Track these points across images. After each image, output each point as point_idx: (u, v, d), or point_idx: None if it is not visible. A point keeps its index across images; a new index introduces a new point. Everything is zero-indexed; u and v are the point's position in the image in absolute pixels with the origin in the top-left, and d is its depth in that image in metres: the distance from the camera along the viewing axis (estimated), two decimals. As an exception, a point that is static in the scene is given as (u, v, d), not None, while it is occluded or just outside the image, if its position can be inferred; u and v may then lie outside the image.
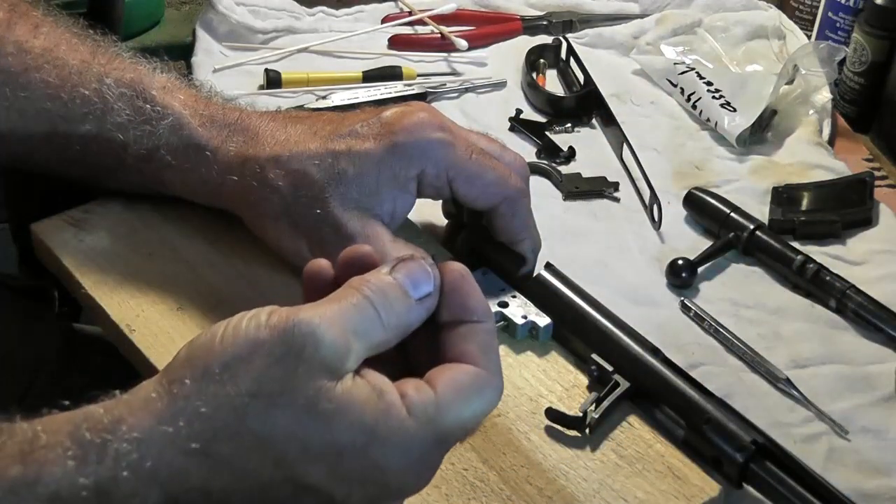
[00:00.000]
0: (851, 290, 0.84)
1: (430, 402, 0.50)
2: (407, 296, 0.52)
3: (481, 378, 0.52)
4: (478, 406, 0.52)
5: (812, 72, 1.06)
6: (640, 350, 0.70)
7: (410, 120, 0.69)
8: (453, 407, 0.51)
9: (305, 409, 0.48)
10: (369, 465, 0.49)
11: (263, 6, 1.17)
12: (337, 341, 0.49)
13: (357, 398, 0.49)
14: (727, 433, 0.65)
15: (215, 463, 0.48)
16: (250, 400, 0.48)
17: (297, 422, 0.48)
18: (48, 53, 0.73)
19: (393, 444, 0.49)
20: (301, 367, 0.48)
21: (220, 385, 0.48)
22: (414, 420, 0.50)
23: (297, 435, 0.48)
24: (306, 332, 0.49)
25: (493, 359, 0.53)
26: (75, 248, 0.75)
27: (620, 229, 0.92)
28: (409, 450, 0.50)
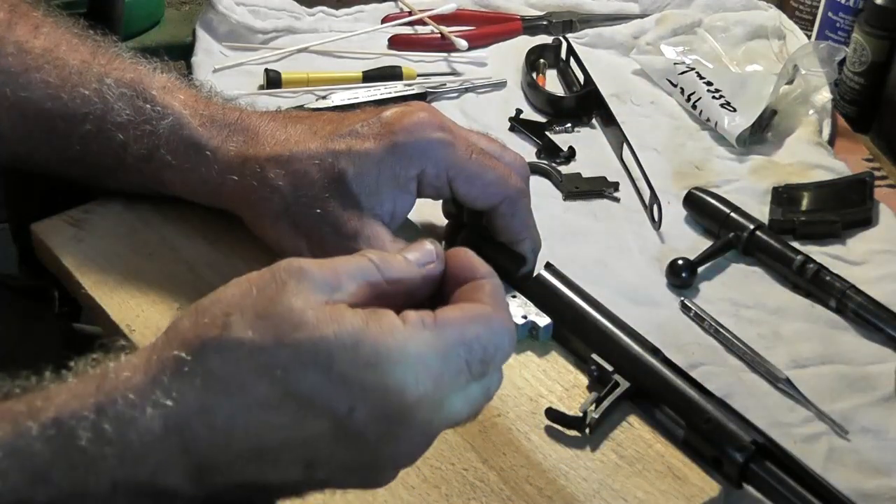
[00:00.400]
0: (851, 290, 0.84)
1: (427, 315, 0.50)
2: (408, 261, 0.53)
3: (486, 310, 0.51)
4: (482, 331, 0.50)
5: (812, 72, 1.06)
6: (640, 350, 0.70)
7: (410, 120, 0.69)
8: (452, 323, 0.50)
9: (292, 317, 0.48)
10: (361, 364, 0.48)
11: (263, 6, 1.17)
12: (325, 274, 0.49)
13: (346, 311, 0.49)
14: (727, 433, 0.65)
15: (208, 380, 0.48)
16: (235, 315, 0.48)
17: (285, 331, 0.48)
18: (48, 53, 0.73)
19: (384, 345, 0.48)
20: (286, 289, 0.49)
21: (210, 314, 0.49)
22: (408, 325, 0.49)
23: (285, 342, 0.48)
24: (291, 265, 0.50)
25: (502, 305, 0.53)
26: (75, 248, 0.75)
27: (620, 229, 0.92)
28: (403, 350, 0.48)
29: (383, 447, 0.49)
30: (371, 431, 0.49)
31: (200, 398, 0.48)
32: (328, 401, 0.48)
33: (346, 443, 0.49)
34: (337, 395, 0.48)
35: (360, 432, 0.48)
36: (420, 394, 0.49)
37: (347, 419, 0.48)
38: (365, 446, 0.49)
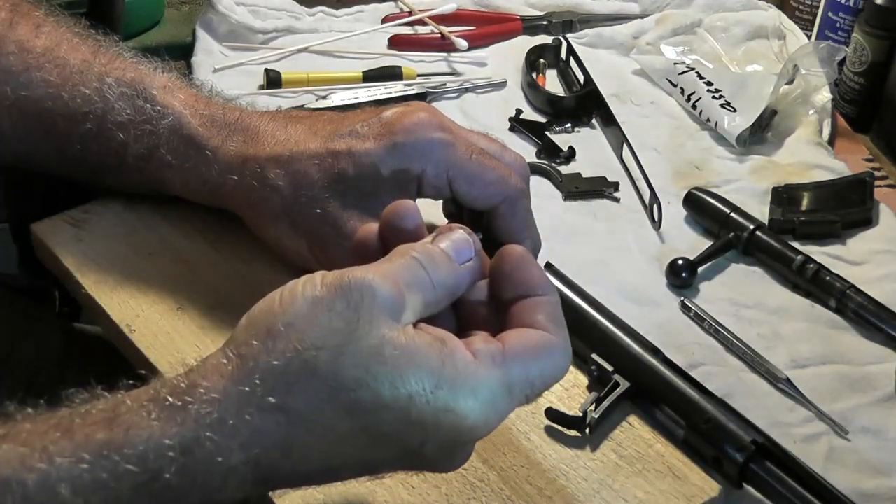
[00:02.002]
0: (851, 290, 0.84)
1: (496, 350, 0.51)
2: (451, 260, 0.54)
3: (550, 341, 0.53)
4: (546, 366, 0.52)
5: (812, 72, 1.06)
6: (640, 350, 0.70)
7: (410, 120, 0.69)
8: (520, 359, 0.51)
9: (371, 356, 0.49)
10: (440, 408, 0.49)
11: (263, 6, 1.17)
12: (392, 293, 0.50)
13: (421, 344, 0.50)
14: (727, 433, 0.65)
15: (292, 418, 0.49)
16: (318, 352, 0.49)
17: (366, 369, 0.49)
18: (49, 53, 0.73)
19: (460, 386, 0.50)
20: (362, 318, 0.49)
21: (286, 341, 0.49)
22: (480, 362, 0.51)
23: (367, 382, 0.49)
24: (362, 285, 0.50)
25: (562, 328, 0.54)
26: (75, 248, 0.75)
27: (620, 229, 0.92)
28: (477, 391, 0.50)
29: (442, 462, 0.53)
30: (435, 456, 0.52)
31: (283, 434, 0.49)
32: (403, 438, 0.50)
33: (409, 462, 0.53)
34: (412, 434, 0.50)
35: (425, 458, 0.52)
36: (487, 427, 0.51)
37: (417, 450, 0.51)
38: (425, 464, 0.53)
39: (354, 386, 0.49)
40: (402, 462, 0.52)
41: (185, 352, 0.68)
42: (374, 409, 0.49)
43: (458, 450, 0.53)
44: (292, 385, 0.49)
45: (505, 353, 0.51)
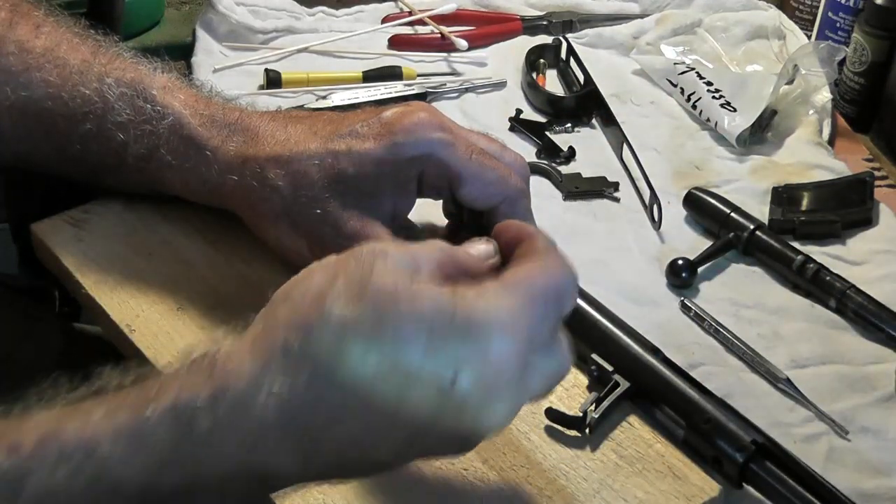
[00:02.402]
0: (851, 290, 0.84)
1: (499, 279, 0.53)
2: (470, 254, 0.56)
3: (546, 260, 0.55)
4: (549, 280, 0.54)
5: (812, 72, 1.06)
6: (640, 350, 0.70)
7: (410, 120, 0.69)
8: (524, 278, 0.53)
9: (387, 295, 0.50)
10: (463, 333, 0.50)
11: (263, 6, 1.17)
12: (405, 256, 0.52)
13: (434, 286, 0.51)
14: (727, 433, 0.65)
15: (316, 364, 0.49)
16: (331, 297, 0.50)
17: (384, 307, 0.49)
18: (49, 53, 0.73)
19: (477, 311, 0.50)
20: (377, 266, 0.50)
21: (297, 299, 0.51)
22: (490, 291, 0.52)
23: (387, 318, 0.49)
24: (375, 249, 0.52)
25: (554, 250, 0.57)
26: (75, 248, 0.75)
27: (620, 229, 0.92)
28: (496, 313, 0.51)
29: (483, 414, 0.51)
30: (473, 398, 0.50)
31: (310, 383, 0.49)
32: (433, 370, 0.50)
33: (449, 413, 0.50)
34: (441, 364, 0.50)
35: (463, 400, 0.50)
36: (514, 351, 0.51)
37: (451, 387, 0.50)
38: (466, 415, 0.51)
39: (374, 322, 0.49)
40: (443, 416, 0.50)
41: (185, 352, 0.68)
42: (397, 342, 0.49)
43: (498, 392, 0.51)
44: (312, 330, 0.49)
45: (508, 278, 0.53)
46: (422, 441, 0.52)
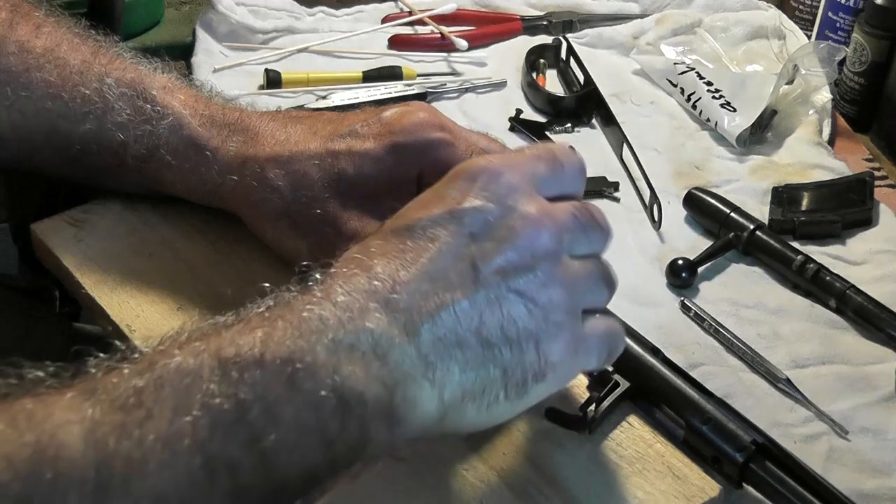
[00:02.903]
0: (851, 290, 0.84)
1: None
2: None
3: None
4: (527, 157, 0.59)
5: (812, 72, 1.06)
6: (640, 350, 0.70)
7: (410, 120, 0.69)
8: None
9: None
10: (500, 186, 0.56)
11: (263, 6, 1.17)
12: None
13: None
14: (727, 433, 0.65)
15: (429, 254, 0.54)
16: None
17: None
18: (49, 53, 0.73)
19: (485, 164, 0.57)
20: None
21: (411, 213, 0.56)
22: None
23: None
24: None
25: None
26: (75, 248, 0.75)
27: (620, 229, 0.91)
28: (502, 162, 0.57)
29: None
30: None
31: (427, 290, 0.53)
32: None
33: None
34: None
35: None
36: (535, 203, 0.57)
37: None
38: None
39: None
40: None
41: (185, 352, 0.68)
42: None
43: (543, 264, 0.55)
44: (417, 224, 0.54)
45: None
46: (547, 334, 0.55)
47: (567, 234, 0.57)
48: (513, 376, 0.54)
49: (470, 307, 0.53)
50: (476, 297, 0.53)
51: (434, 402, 0.52)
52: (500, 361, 0.54)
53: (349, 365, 0.50)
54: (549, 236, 0.56)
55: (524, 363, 0.54)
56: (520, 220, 0.55)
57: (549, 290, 0.55)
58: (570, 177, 0.61)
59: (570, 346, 0.56)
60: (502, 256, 0.54)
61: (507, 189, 0.56)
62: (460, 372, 0.53)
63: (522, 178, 0.57)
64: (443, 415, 0.53)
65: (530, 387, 0.55)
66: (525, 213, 0.56)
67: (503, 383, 0.54)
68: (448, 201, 0.56)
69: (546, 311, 0.55)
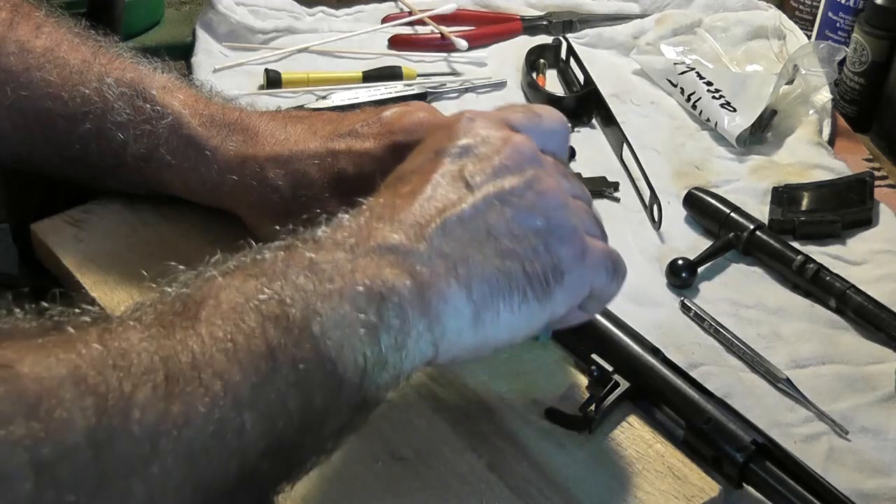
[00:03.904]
0: (851, 290, 0.84)
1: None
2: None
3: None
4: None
5: (812, 72, 1.06)
6: (640, 350, 0.70)
7: (410, 119, 0.69)
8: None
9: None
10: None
11: (263, 6, 1.17)
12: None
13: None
14: (727, 433, 0.65)
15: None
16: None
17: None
18: (49, 53, 0.73)
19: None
20: None
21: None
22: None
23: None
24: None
25: None
26: (75, 248, 0.75)
27: (620, 229, 0.92)
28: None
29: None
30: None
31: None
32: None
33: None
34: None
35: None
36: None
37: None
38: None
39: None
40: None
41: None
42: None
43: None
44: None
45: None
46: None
47: (548, 139, 0.62)
48: (532, 271, 0.56)
49: (473, 211, 0.56)
50: (476, 203, 0.56)
51: (463, 298, 0.54)
52: (516, 255, 0.56)
53: (372, 264, 0.52)
54: (530, 148, 0.60)
55: (539, 257, 0.56)
56: (499, 141, 0.59)
57: (542, 194, 0.58)
58: (548, 130, 0.63)
59: (577, 249, 0.58)
60: (491, 169, 0.57)
61: (483, 127, 0.60)
62: (481, 266, 0.55)
63: (495, 121, 0.61)
64: (476, 314, 0.55)
65: (553, 286, 0.57)
66: (503, 136, 0.59)
67: (525, 278, 0.56)
68: (431, 146, 0.59)
69: (545, 211, 0.57)
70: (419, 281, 0.53)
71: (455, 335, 0.54)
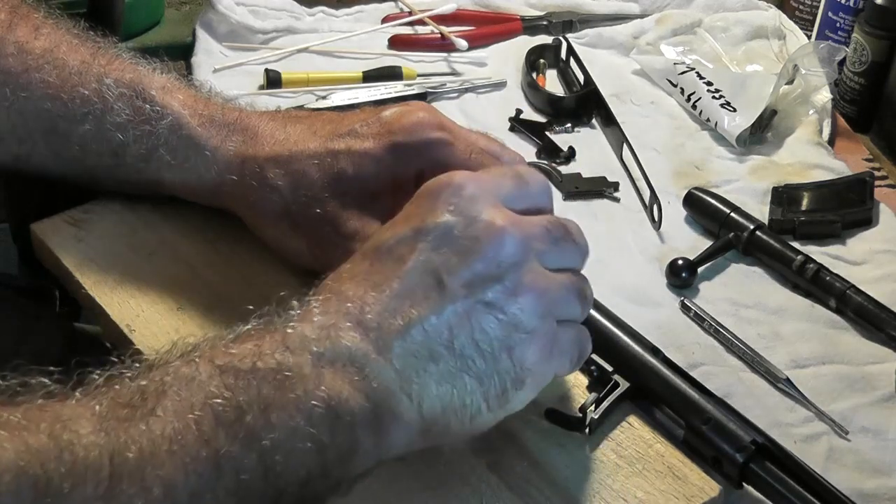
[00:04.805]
0: (851, 290, 0.84)
1: None
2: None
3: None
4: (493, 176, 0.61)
5: (812, 72, 1.06)
6: (640, 350, 0.70)
7: (409, 119, 0.69)
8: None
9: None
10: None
11: (263, 6, 1.17)
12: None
13: None
14: (727, 433, 0.65)
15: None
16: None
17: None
18: (48, 54, 0.73)
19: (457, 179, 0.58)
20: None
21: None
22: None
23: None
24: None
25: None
26: (75, 248, 0.75)
27: (620, 229, 0.92)
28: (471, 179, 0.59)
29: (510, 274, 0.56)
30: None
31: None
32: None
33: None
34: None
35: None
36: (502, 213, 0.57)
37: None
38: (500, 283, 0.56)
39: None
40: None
41: (184, 352, 0.68)
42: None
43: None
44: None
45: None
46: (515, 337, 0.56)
47: (536, 244, 0.57)
48: (490, 387, 0.55)
49: (438, 321, 0.54)
50: (444, 311, 0.54)
51: (414, 414, 0.54)
52: (476, 372, 0.55)
53: (333, 377, 0.52)
54: (515, 244, 0.56)
55: (500, 372, 0.55)
56: (484, 230, 0.56)
57: (518, 299, 0.56)
58: (536, 193, 0.61)
59: (545, 350, 0.57)
60: (468, 269, 0.55)
61: (469, 200, 0.57)
62: (436, 385, 0.54)
63: (485, 191, 0.58)
64: (425, 428, 0.55)
65: (511, 395, 0.56)
66: (489, 221, 0.56)
67: (482, 394, 0.55)
68: (413, 219, 0.57)
69: (516, 319, 0.56)
70: (374, 400, 0.53)
71: (401, 445, 0.55)
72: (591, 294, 0.62)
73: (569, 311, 0.59)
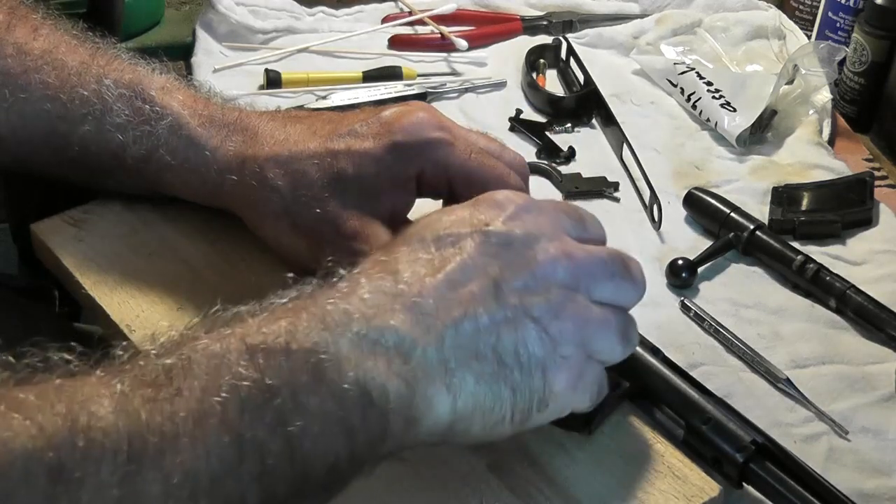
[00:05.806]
0: (851, 290, 0.84)
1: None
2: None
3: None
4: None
5: (812, 72, 1.06)
6: (640, 350, 0.70)
7: (409, 119, 0.69)
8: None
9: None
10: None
11: (263, 6, 1.17)
12: None
13: None
14: (727, 433, 0.65)
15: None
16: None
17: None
18: (47, 55, 0.73)
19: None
20: None
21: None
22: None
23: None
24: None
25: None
26: (75, 248, 0.75)
27: (620, 229, 0.92)
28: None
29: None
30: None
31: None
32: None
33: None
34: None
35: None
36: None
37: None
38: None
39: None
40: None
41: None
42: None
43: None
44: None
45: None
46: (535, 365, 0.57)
47: (587, 276, 0.58)
48: (521, 400, 0.56)
49: (490, 322, 0.55)
50: (496, 314, 0.55)
51: (447, 407, 0.54)
52: (511, 382, 0.55)
53: (372, 359, 0.51)
54: (565, 272, 0.57)
55: (531, 388, 0.56)
56: (541, 252, 0.57)
57: (559, 322, 0.56)
58: (591, 226, 0.62)
59: (573, 381, 0.58)
60: (521, 280, 0.56)
61: (533, 223, 0.58)
62: (475, 383, 0.54)
63: (548, 219, 0.59)
64: (451, 423, 0.55)
65: (533, 414, 0.57)
66: (546, 247, 0.57)
67: (511, 404, 0.56)
68: (477, 220, 0.57)
69: (555, 341, 0.56)
70: (413, 387, 0.52)
71: (424, 437, 0.55)
72: (635, 336, 0.62)
73: (604, 347, 0.59)
